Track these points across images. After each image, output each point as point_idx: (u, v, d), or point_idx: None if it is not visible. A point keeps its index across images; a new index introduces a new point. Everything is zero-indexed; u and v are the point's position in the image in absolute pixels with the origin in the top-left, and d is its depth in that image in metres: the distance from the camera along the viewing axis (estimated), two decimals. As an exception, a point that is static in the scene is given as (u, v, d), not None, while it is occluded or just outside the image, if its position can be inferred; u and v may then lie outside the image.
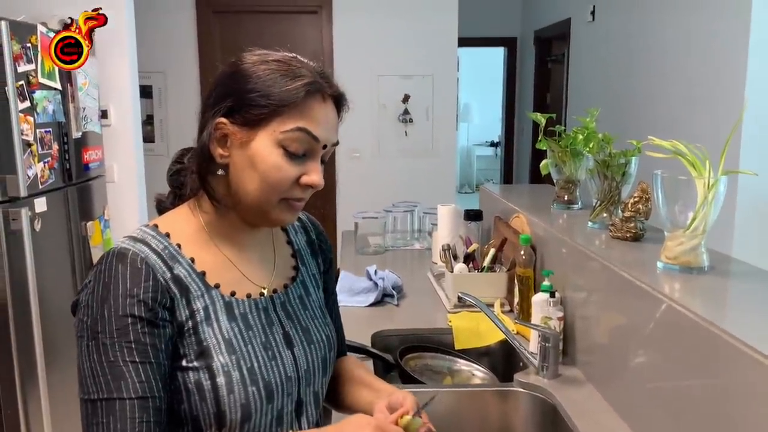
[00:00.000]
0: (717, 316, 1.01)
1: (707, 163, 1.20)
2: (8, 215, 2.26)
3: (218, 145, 0.90)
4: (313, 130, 0.89)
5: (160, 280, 0.86)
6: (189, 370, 0.87)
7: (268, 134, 0.88)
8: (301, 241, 1.11)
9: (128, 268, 0.84)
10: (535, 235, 1.85)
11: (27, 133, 2.35)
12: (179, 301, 0.87)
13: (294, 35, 4.54)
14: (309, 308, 1.04)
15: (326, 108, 0.91)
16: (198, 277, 0.91)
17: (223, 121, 0.89)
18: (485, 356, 1.80)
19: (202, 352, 0.87)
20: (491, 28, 7.03)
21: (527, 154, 6.68)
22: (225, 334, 0.89)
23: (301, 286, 1.05)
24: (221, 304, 0.91)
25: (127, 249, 0.86)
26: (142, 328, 0.83)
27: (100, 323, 0.82)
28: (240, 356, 0.89)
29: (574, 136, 1.82)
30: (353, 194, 4.57)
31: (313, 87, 0.89)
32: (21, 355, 2.32)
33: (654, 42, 3.99)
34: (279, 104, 0.87)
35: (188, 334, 0.87)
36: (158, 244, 0.90)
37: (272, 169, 0.88)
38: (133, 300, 0.83)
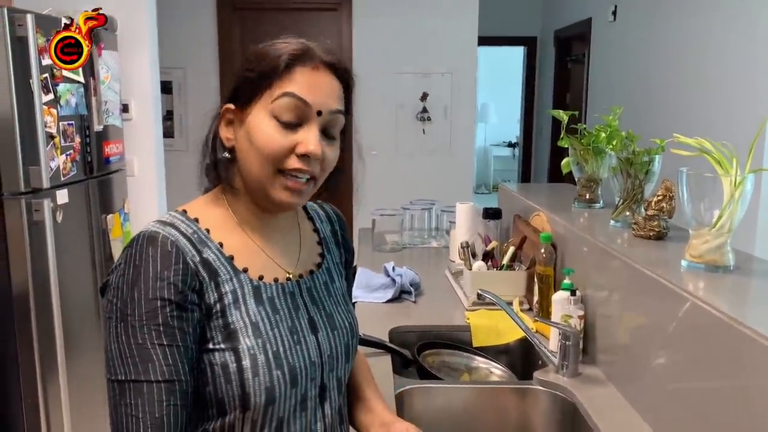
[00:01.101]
0: (742, 314, 0.99)
1: (734, 161, 1.19)
2: (31, 206, 2.28)
3: (226, 129, 0.94)
4: (301, 93, 0.89)
5: (190, 263, 0.87)
6: (215, 352, 0.87)
7: (262, 107, 0.90)
8: (327, 230, 1.12)
9: (159, 251, 0.85)
10: (556, 234, 1.84)
11: (50, 126, 2.37)
12: (208, 284, 0.88)
13: (314, 32, 4.51)
14: (333, 295, 1.05)
15: (318, 75, 0.91)
16: (227, 261, 0.92)
17: (229, 107, 0.93)
18: (503, 354, 1.79)
19: (229, 334, 0.88)
20: (511, 27, 7.00)
21: (545, 154, 6.64)
22: (252, 318, 0.90)
23: (326, 272, 1.06)
24: (249, 287, 0.92)
25: (158, 232, 0.87)
26: (171, 311, 0.83)
27: (130, 306, 0.83)
28: (266, 340, 0.90)
29: (596, 133, 1.81)
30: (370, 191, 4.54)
31: (296, 54, 0.90)
32: (42, 345, 2.35)
33: (676, 41, 3.94)
34: (264, 74, 0.90)
35: (216, 317, 0.88)
36: (187, 229, 0.91)
37: (266, 138, 0.89)
38: (164, 283, 0.83)
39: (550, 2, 6.78)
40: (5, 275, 2.28)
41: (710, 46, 3.54)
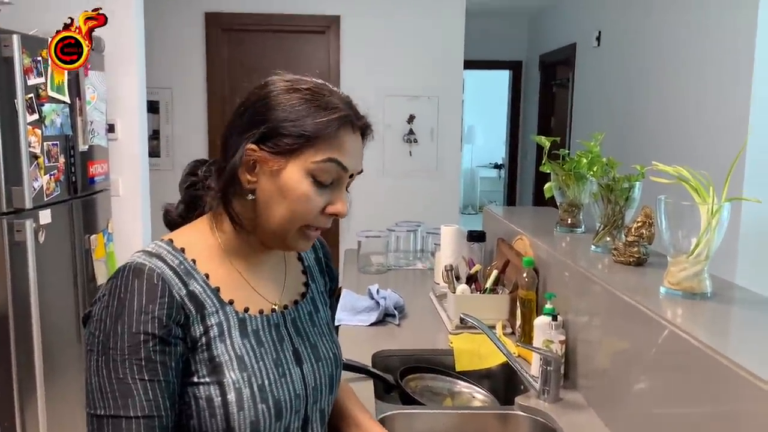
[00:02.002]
0: (720, 343, 1.01)
1: (711, 190, 1.21)
2: (13, 227, 2.27)
3: (246, 170, 0.90)
4: (344, 160, 0.90)
5: (176, 296, 0.86)
6: (200, 386, 0.87)
7: (300, 164, 0.88)
8: (311, 259, 1.12)
9: (144, 284, 0.84)
10: (538, 258, 1.85)
11: (34, 146, 2.36)
12: (194, 317, 0.88)
13: (302, 54, 4.58)
14: (317, 325, 1.04)
15: (355, 138, 0.94)
16: (212, 293, 0.91)
17: (254, 148, 0.89)
18: (486, 378, 1.79)
19: (214, 368, 0.87)
20: (497, 52, 7.09)
21: (531, 176, 6.70)
22: (237, 351, 0.90)
23: (310, 302, 1.06)
24: (235, 320, 0.92)
25: (144, 264, 0.86)
26: (154, 345, 0.82)
27: (113, 339, 0.82)
28: (251, 373, 0.89)
29: (578, 159, 1.83)
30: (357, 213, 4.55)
31: (345, 119, 0.91)
32: (20, 367, 2.31)
33: (659, 68, 4.02)
34: (313, 135, 0.88)
35: (201, 350, 0.88)
36: (173, 260, 0.90)
37: (301, 198, 0.89)
38: (148, 317, 0.82)
39: (535, 27, 6.88)
40: (-15, 296, 2.26)
41: (691, 73, 3.61)
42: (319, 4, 4.51)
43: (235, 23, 4.49)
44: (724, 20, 3.28)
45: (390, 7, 4.55)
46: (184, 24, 4.48)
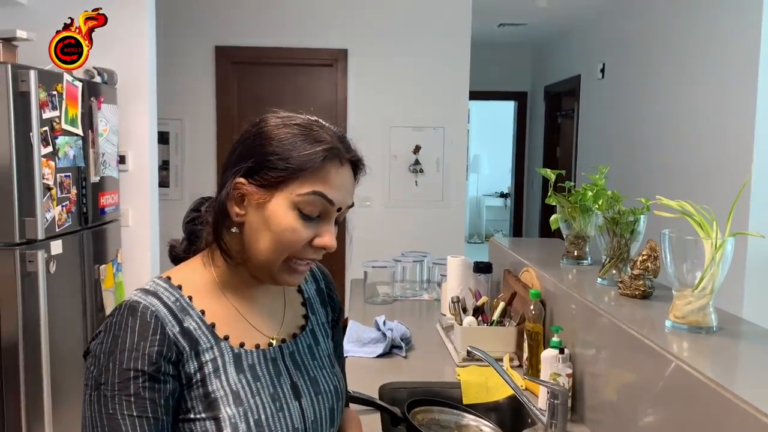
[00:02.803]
0: (726, 378, 1.01)
1: (714, 224, 1.22)
2: (25, 257, 2.30)
3: (235, 203, 0.92)
4: (329, 193, 0.90)
5: (169, 333, 0.87)
6: (196, 422, 0.87)
7: (285, 196, 0.90)
8: (311, 290, 1.12)
9: (138, 322, 0.86)
10: (545, 290, 1.86)
11: (48, 178, 2.41)
12: (188, 354, 0.89)
13: (310, 87, 4.65)
14: (318, 358, 1.04)
15: (343, 172, 0.93)
16: (207, 329, 0.92)
17: (242, 181, 0.91)
18: (493, 411, 1.78)
19: (210, 404, 0.88)
20: (502, 83, 7.18)
21: (537, 205, 6.72)
22: (233, 386, 0.90)
23: (310, 335, 1.06)
24: (230, 355, 0.92)
25: (138, 302, 0.88)
26: (143, 382, 0.84)
27: (104, 375, 0.84)
28: (247, 408, 0.90)
29: (583, 192, 1.85)
30: (363, 243, 4.59)
31: (331, 153, 0.91)
32: (29, 395, 2.32)
33: (663, 101, 4.06)
34: (297, 168, 0.89)
35: (196, 386, 0.88)
36: (170, 297, 0.91)
37: (287, 230, 0.90)
38: (138, 353, 0.84)
39: (540, 58, 6.97)
40: (-5, 325, 2.28)
41: (694, 106, 3.65)
42: (327, 38, 4.60)
43: (244, 56, 4.58)
44: (727, 53, 3.33)
45: (396, 39, 4.63)
46: (195, 57, 4.57)
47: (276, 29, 4.56)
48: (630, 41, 4.64)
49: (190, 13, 4.53)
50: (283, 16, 4.57)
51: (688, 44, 3.74)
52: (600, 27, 5.26)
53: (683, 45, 3.80)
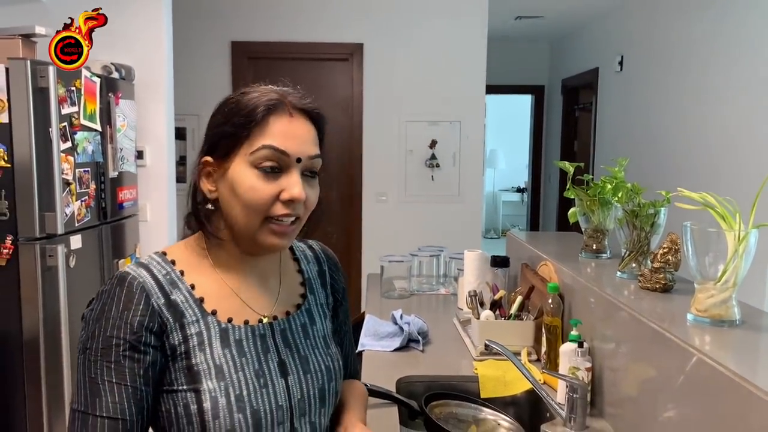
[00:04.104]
0: (749, 372, 0.99)
1: (737, 216, 1.20)
2: (45, 252, 2.32)
3: (206, 181, 0.96)
4: (279, 144, 0.92)
5: (153, 305, 0.90)
6: (178, 393, 0.90)
7: (241, 159, 0.92)
8: (313, 271, 1.13)
9: (124, 292, 0.90)
10: (563, 284, 1.85)
11: (67, 173, 2.43)
12: (172, 326, 0.91)
13: (325, 81, 4.65)
14: (311, 337, 1.04)
15: (294, 123, 0.94)
16: (195, 303, 0.94)
17: (207, 159, 0.96)
18: (511, 405, 1.77)
19: (192, 376, 0.90)
20: (519, 76, 7.13)
21: (554, 200, 6.67)
22: (216, 360, 0.92)
23: (306, 314, 1.06)
24: (216, 330, 0.94)
25: (128, 273, 0.92)
26: (124, 350, 0.87)
27: (90, 340, 0.88)
28: (229, 383, 0.91)
29: (602, 185, 1.83)
30: (379, 237, 4.60)
31: (272, 104, 0.93)
32: (50, 389, 2.35)
33: (683, 93, 4.00)
34: (242, 128, 0.92)
35: (180, 358, 0.91)
36: (161, 270, 0.95)
37: (249, 190, 0.92)
38: (121, 322, 0.88)
39: (557, 52, 6.91)
40: (17, 319, 2.31)
41: (715, 97, 3.60)
42: (343, 32, 4.59)
43: (260, 51, 4.59)
44: (747, 43, 3.27)
45: (412, 33, 4.61)
46: (211, 53, 4.59)
47: (291, 24, 4.57)
48: (648, 33, 4.58)
49: (207, 8, 4.55)
50: (299, 11, 4.57)
51: (708, 36, 3.68)
52: (618, 19, 5.20)
53: (702, 37, 3.74)
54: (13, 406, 2.34)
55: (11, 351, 2.32)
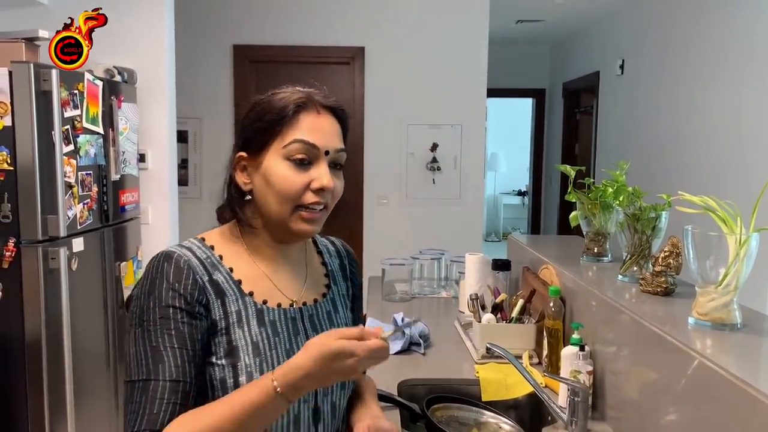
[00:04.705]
0: (751, 375, 1.00)
1: (738, 220, 1.20)
2: (47, 254, 2.33)
3: (241, 174, 1.04)
4: (308, 138, 1.00)
5: (199, 281, 0.97)
6: (216, 367, 0.95)
7: (274, 152, 1.00)
8: (335, 264, 1.20)
9: (172, 267, 0.96)
10: (564, 287, 1.85)
11: (69, 176, 2.44)
12: (215, 301, 0.98)
13: (327, 85, 4.54)
14: (335, 324, 1.11)
15: (321, 119, 1.02)
16: (234, 284, 1.01)
17: (242, 155, 1.04)
18: (513, 409, 1.77)
19: (230, 351, 0.96)
20: (520, 80, 7.14)
21: (555, 203, 6.67)
22: (253, 338, 0.98)
23: (330, 303, 1.13)
24: (253, 310, 1.01)
25: (174, 251, 0.99)
26: (182, 318, 0.93)
27: (146, 312, 0.93)
28: (263, 359, 0.97)
29: (603, 189, 1.84)
30: (380, 240, 4.60)
31: (301, 102, 1.01)
32: (51, 390, 2.35)
33: (684, 96, 4.01)
34: (275, 124, 1.00)
35: (221, 334, 0.97)
36: (202, 254, 1.01)
37: (282, 180, 0.99)
38: (176, 293, 0.94)
39: (558, 55, 6.92)
40: (19, 321, 2.31)
41: (716, 101, 3.60)
42: (344, 35, 4.60)
43: (262, 55, 4.60)
44: (748, 45, 3.28)
45: (413, 37, 4.62)
46: (213, 56, 4.60)
47: (293, 27, 4.58)
48: (649, 37, 4.59)
49: (209, 12, 4.57)
50: (301, 15, 4.58)
51: (708, 38, 3.69)
52: (619, 23, 5.20)
53: (703, 40, 3.75)
54: (15, 408, 2.34)
55: (13, 353, 2.32)
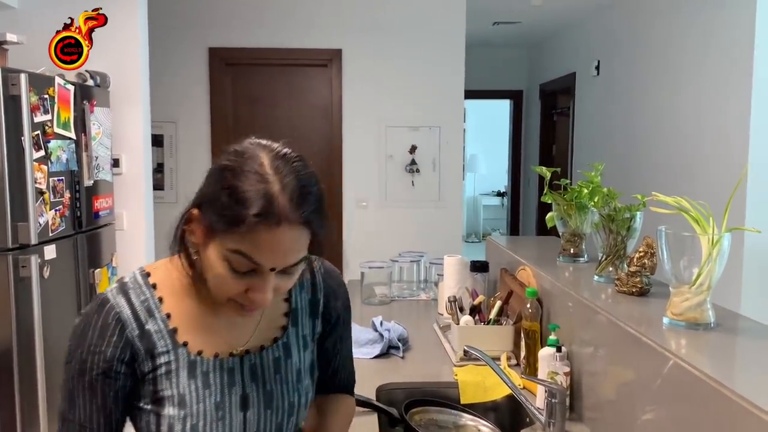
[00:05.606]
0: (725, 375, 1.00)
1: (711, 220, 1.21)
2: (18, 262, 2.28)
3: (192, 235, 0.92)
4: (255, 256, 0.85)
5: (127, 335, 0.94)
6: (143, 412, 0.96)
7: (217, 245, 0.87)
8: (303, 301, 1.09)
9: (100, 321, 0.94)
10: (542, 288, 1.85)
11: (40, 182, 2.39)
12: (144, 356, 0.95)
13: (304, 87, 4.64)
14: (282, 372, 1.03)
15: (278, 233, 0.84)
16: (168, 334, 0.97)
17: (194, 213, 0.90)
18: (492, 411, 1.77)
19: (156, 400, 0.96)
20: (497, 81, 7.17)
21: (533, 204, 6.71)
22: (180, 390, 0.96)
23: (281, 348, 1.04)
24: (185, 361, 0.97)
25: (107, 300, 0.96)
26: (96, 375, 0.94)
27: (70, 356, 0.96)
28: (188, 413, 0.95)
29: (579, 190, 1.84)
30: (359, 243, 4.59)
31: (264, 217, 0.83)
32: (24, 401, 2.31)
33: (658, 97, 4.05)
34: (226, 220, 0.85)
35: (148, 383, 0.96)
36: (140, 296, 0.97)
37: (217, 278, 0.89)
38: (96, 350, 0.94)
39: (535, 57, 6.97)
40: (-11, 331, 2.26)
41: (689, 102, 3.65)
42: (321, 38, 4.58)
43: (238, 58, 4.56)
44: (721, 49, 3.32)
45: (391, 39, 4.62)
46: (188, 59, 4.55)
47: (270, 30, 4.55)
48: (625, 38, 4.64)
49: (183, 14, 4.52)
50: (277, 17, 4.55)
51: (683, 40, 3.73)
52: (594, 24, 5.25)
53: (678, 41, 3.80)
54: (-14, 420, 2.29)
55: (-17, 364, 2.27)
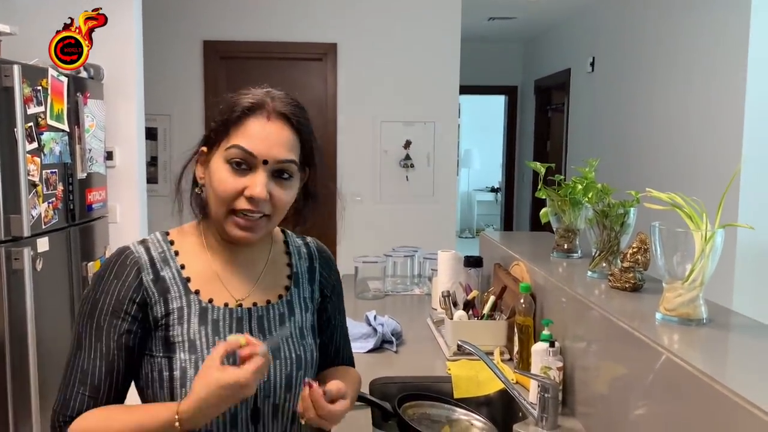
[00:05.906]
0: (717, 370, 1.01)
1: (704, 216, 1.22)
2: (11, 255, 2.27)
3: (200, 168, 1.07)
4: (247, 145, 0.99)
5: (142, 278, 1.01)
6: (155, 359, 1.00)
7: (219, 153, 1.01)
8: (303, 266, 1.19)
9: (118, 264, 1.02)
10: (535, 284, 1.86)
11: (33, 174, 2.38)
12: (157, 299, 1.01)
13: (299, 81, 4.62)
14: (287, 327, 1.10)
15: (269, 126, 1.00)
16: (181, 282, 1.04)
17: (203, 149, 1.06)
18: (485, 405, 1.78)
19: (168, 346, 1.00)
20: (492, 77, 7.17)
21: (527, 200, 6.73)
22: (191, 335, 1.01)
23: (285, 305, 1.12)
24: (196, 308, 1.03)
25: (127, 248, 1.04)
26: (105, 314, 0.99)
27: (85, 301, 1.01)
28: (199, 357, 1.00)
29: (573, 185, 1.85)
30: (354, 238, 4.57)
31: (251, 108, 1.00)
32: (16, 395, 2.30)
33: (653, 94, 4.06)
34: (224, 126, 1.01)
35: (161, 329, 1.01)
36: (158, 248, 1.05)
37: (219, 181, 1.00)
38: (110, 290, 0.99)
39: (530, 53, 6.97)
40: (-19, 324, 2.25)
41: (684, 98, 3.66)
42: (316, 32, 4.57)
43: (233, 51, 4.54)
44: (716, 46, 3.33)
45: (386, 34, 4.61)
46: (183, 52, 4.53)
47: (265, 23, 4.53)
48: (620, 34, 4.64)
49: (178, 7, 4.49)
50: (272, 10, 4.53)
51: (678, 37, 3.74)
52: (590, 20, 5.26)
53: (673, 38, 3.80)
54: (-22, 413, 2.28)
55: (-25, 357, 2.26)
